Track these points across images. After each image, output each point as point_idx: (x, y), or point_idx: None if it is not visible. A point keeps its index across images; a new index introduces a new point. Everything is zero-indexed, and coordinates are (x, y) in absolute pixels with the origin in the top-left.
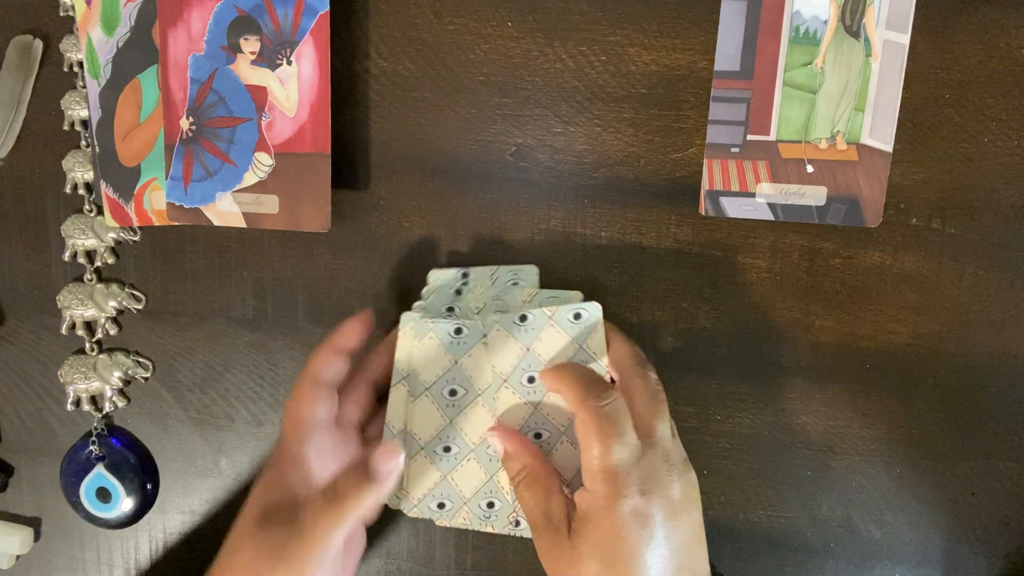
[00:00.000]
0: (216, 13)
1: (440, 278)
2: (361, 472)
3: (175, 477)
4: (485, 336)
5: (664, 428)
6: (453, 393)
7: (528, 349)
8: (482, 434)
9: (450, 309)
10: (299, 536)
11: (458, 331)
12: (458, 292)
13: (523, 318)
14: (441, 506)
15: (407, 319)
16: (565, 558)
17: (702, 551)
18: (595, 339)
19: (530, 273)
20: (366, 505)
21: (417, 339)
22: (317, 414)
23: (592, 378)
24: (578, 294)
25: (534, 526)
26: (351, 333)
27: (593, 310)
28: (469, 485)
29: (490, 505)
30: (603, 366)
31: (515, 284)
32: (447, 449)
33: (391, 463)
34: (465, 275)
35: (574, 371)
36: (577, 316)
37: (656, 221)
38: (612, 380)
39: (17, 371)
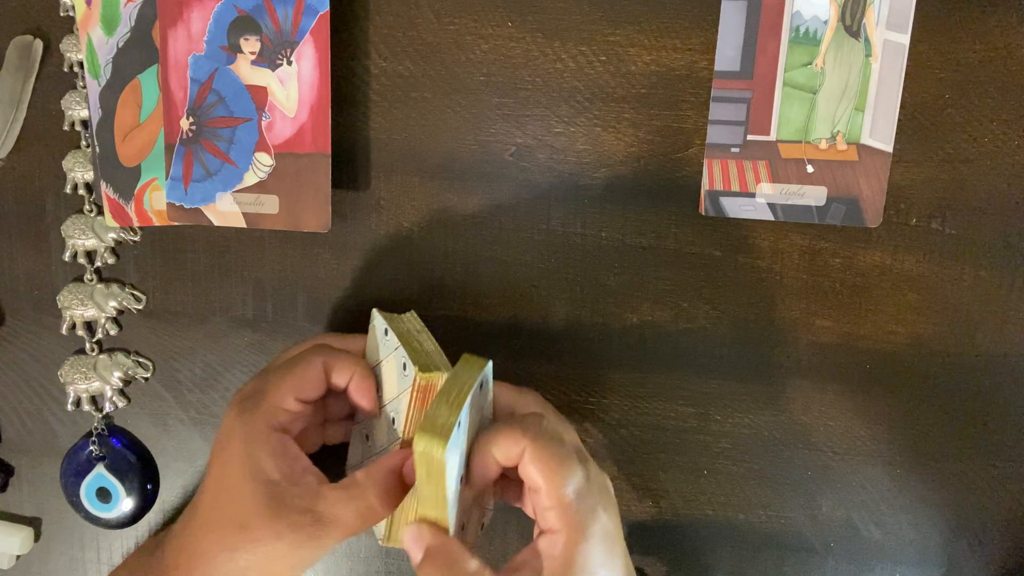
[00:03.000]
0: (216, 13)
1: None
2: (397, 481)
3: (175, 477)
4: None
5: (576, 439)
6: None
7: (461, 451)
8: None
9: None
10: (319, 534)
11: (459, 425)
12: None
13: (459, 425)
14: None
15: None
16: None
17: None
18: (489, 398)
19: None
20: (390, 511)
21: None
22: (310, 393)
23: (524, 423)
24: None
25: None
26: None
27: (489, 372)
28: None
29: None
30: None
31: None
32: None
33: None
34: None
35: (506, 429)
36: (481, 386)
37: (656, 221)
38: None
39: (17, 371)
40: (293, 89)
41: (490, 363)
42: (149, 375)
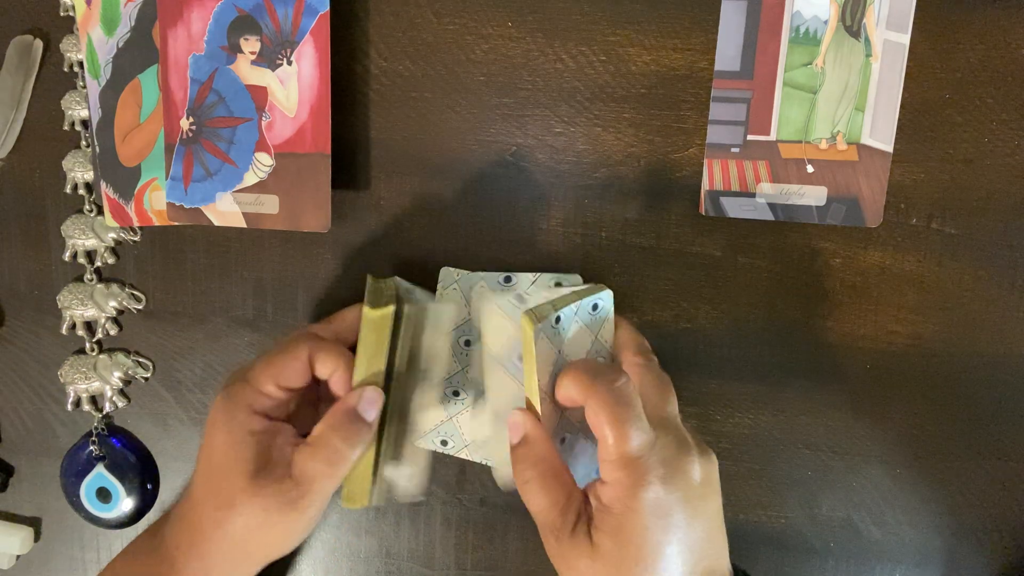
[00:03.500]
0: (216, 13)
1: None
2: (352, 420)
3: (175, 477)
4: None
5: (675, 411)
6: (468, 343)
7: (560, 352)
8: (498, 396)
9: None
10: (301, 496)
11: (508, 279)
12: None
13: (557, 319)
14: (444, 443)
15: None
16: (584, 557)
17: (722, 540)
18: (607, 328)
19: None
20: (357, 453)
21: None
22: (292, 381)
23: (596, 366)
24: (577, 277)
25: (546, 526)
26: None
27: (607, 299)
28: (473, 431)
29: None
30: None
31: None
32: (456, 393)
33: (378, 405)
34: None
35: (577, 365)
36: (595, 307)
37: (656, 221)
38: None
39: (17, 371)
40: (293, 89)
41: (608, 291)
42: (149, 375)
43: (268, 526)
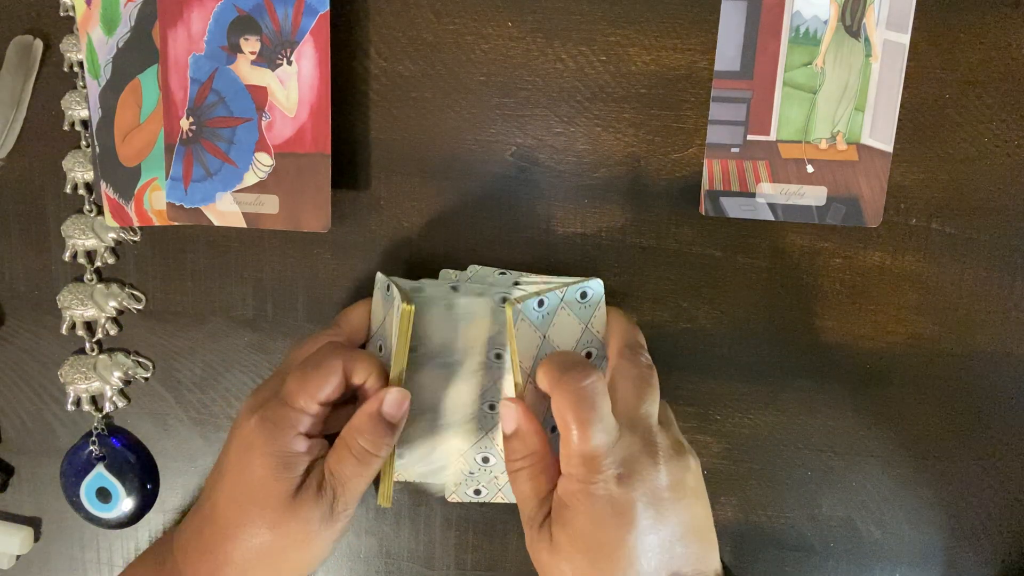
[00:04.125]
0: (216, 13)
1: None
2: (378, 422)
3: (175, 477)
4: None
5: (649, 411)
6: (499, 356)
7: (544, 336)
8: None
9: (454, 288)
10: (337, 497)
11: (454, 288)
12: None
13: (540, 303)
14: (478, 492)
15: (383, 281)
16: (544, 551)
17: (704, 546)
18: (599, 317)
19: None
20: (385, 453)
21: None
22: (331, 395)
23: (569, 360)
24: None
25: (524, 517)
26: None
27: (596, 287)
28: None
29: (485, 460)
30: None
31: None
32: (486, 460)
33: (403, 407)
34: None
35: (552, 358)
36: (583, 295)
37: (656, 221)
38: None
39: (17, 371)
40: (293, 89)
41: (598, 280)
42: (149, 375)
43: (308, 542)
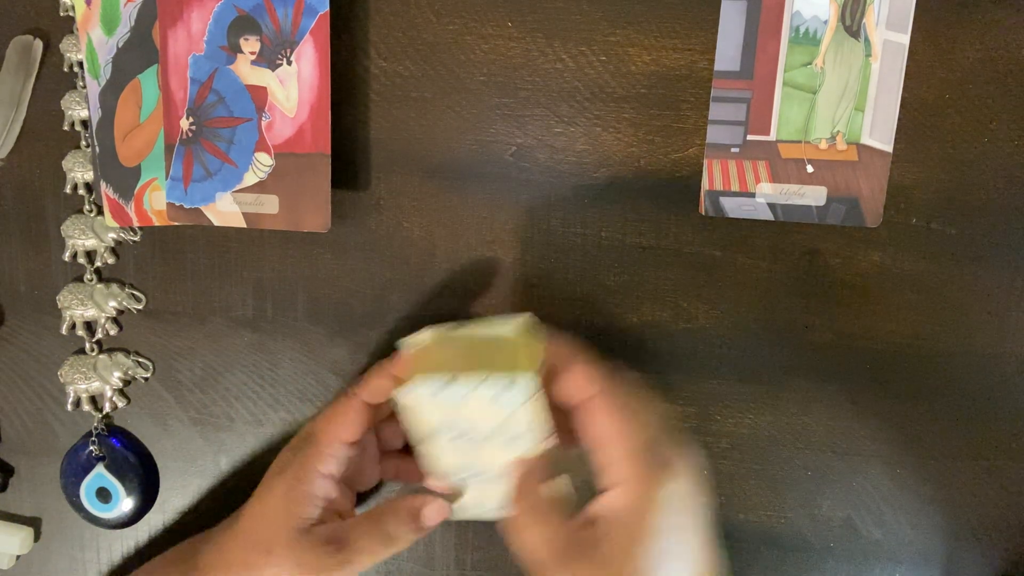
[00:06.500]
0: (216, 13)
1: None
2: (411, 519)
3: (175, 477)
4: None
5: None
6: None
7: (453, 415)
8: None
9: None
10: (344, 563)
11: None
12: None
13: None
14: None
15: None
16: None
17: (713, 551)
18: (526, 410)
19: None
20: (408, 544)
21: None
22: (355, 434)
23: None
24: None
25: (552, 559)
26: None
27: (523, 386)
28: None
29: None
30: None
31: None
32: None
33: (441, 517)
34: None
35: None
36: (506, 388)
37: (656, 221)
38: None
39: (17, 371)
40: (293, 89)
41: (525, 376)
42: (149, 375)
43: None
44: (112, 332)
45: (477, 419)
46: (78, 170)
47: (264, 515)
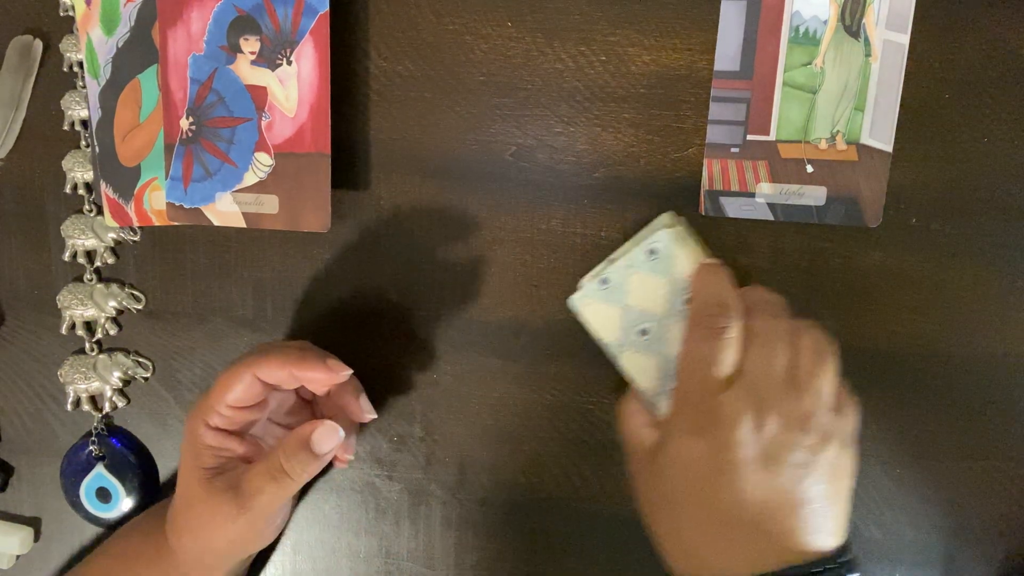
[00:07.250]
0: (216, 13)
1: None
2: (301, 448)
3: (175, 477)
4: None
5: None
6: (644, 333)
7: (625, 306)
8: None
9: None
10: (243, 507)
11: (604, 281)
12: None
13: (604, 281)
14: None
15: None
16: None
17: (798, 521)
18: (680, 264)
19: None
20: (305, 479)
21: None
22: (240, 401)
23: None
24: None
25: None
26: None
27: (664, 240)
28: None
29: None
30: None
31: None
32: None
33: (332, 442)
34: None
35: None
36: (652, 252)
37: None
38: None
39: (17, 371)
40: (293, 89)
41: (663, 232)
42: (149, 375)
43: (219, 527)
44: (112, 332)
45: (648, 300)
46: (78, 170)
47: (181, 478)
